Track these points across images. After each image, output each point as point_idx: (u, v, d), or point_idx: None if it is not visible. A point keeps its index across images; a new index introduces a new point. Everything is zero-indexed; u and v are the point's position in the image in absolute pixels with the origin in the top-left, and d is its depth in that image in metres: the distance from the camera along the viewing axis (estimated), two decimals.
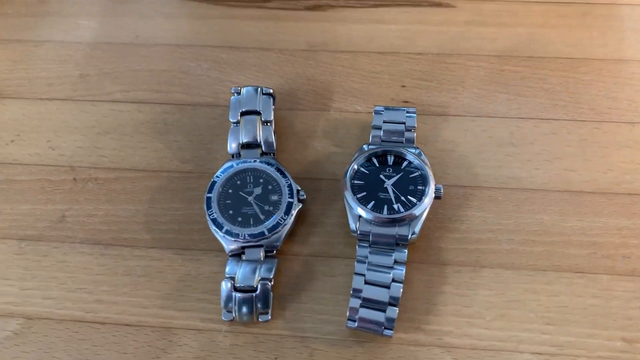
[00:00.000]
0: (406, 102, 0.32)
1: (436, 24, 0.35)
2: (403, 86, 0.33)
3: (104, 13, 0.37)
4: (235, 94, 0.31)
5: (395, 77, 0.33)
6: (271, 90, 0.31)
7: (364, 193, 0.28)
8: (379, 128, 0.30)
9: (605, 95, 0.32)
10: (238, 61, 0.34)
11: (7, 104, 0.34)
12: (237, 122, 0.30)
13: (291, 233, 0.28)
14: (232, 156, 0.30)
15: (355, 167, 0.29)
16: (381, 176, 0.28)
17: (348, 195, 0.28)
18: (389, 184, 0.28)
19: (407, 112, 0.30)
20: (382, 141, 0.30)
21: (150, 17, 0.36)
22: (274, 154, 0.30)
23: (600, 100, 0.32)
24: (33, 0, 0.37)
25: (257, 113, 0.30)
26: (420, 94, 0.33)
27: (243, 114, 0.30)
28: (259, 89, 0.30)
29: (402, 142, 0.29)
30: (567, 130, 0.31)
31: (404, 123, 0.30)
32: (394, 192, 0.28)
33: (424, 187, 0.28)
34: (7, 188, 0.31)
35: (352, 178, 0.28)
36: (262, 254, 0.27)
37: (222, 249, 0.28)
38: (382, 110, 0.30)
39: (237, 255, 0.28)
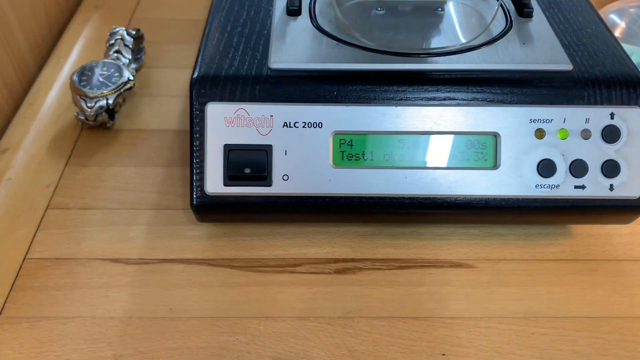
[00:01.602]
0: None
1: (461, 285, 0.37)
2: (443, 354, 0.34)
3: (135, 284, 0.37)
4: None
5: (433, 345, 0.34)
6: None
7: None
8: None
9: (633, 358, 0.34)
10: (275, 332, 0.35)
11: None
12: None
13: None
14: None
15: None
16: None
17: None
18: None
19: None
20: None
21: (183, 286, 0.37)
22: None
23: None
24: (60, 272, 0.37)
25: None
26: None
27: None
28: None
29: None
30: None
31: None
32: None
33: None
34: None
35: None
36: None
37: None
38: None
39: None
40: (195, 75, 0.36)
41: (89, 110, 0.45)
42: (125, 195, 0.42)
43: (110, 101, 0.46)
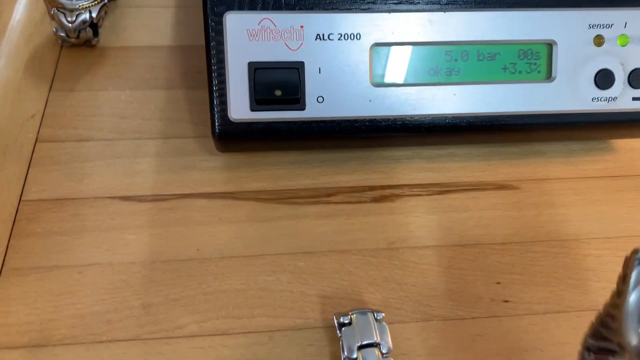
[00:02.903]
0: (506, 301, 0.31)
1: (507, 208, 0.35)
2: (498, 283, 0.32)
3: (153, 223, 0.33)
4: (345, 324, 0.28)
5: (486, 273, 0.32)
6: (383, 315, 0.28)
7: None
8: None
9: None
10: (318, 268, 0.32)
11: (59, 354, 0.28)
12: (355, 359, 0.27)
13: None
14: None
15: None
16: None
17: None
18: None
19: None
20: None
21: (208, 223, 0.33)
22: None
23: None
24: (64, 214, 0.33)
25: (376, 345, 0.27)
26: (518, 290, 0.32)
27: (360, 347, 0.27)
28: (370, 314, 0.28)
29: None
30: None
31: None
32: None
33: None
34: None
35: None
36: None
37: None
38: None
39: None
40: None
41: (70, 25, 0.39)
42: (125, 123, 0.37)
43: (93, 14, 0.39)
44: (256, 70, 0.31)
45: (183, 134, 0.37)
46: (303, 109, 0.31)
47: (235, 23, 0.30)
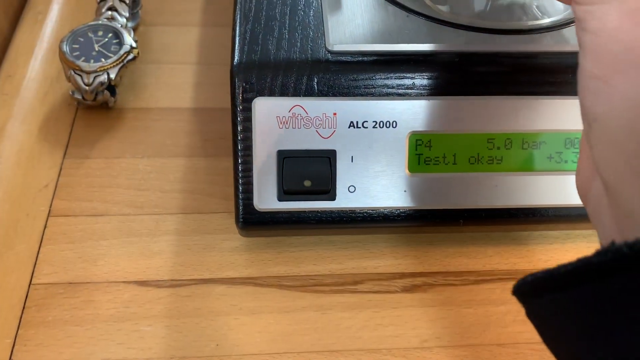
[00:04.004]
0: None
1: None
2: None
3: (170, 314, 0.31)
4: None
5: None
6: None
7: None
8: None
9: None
10: None
11: None
12: None
13: None
14: None
15: None
16: None
17: None
18: None
19: None
20: None
21: (228, 314, 0.31)
22: None
23: None
24: (76, 301, 0.31)
25: None
26: None
27: None
28: None
29: None
30: None
31: None
32: None
33: None
34: None
35: None
36: None
37: None
38: None
39: None
40: (236, 61, 0.29)
41: (87, 87, 0.37)
42: (143, 195, 0.35)
43: (112, 76, 0.38)
44: (285, 159, 0.29)
45: (204, 209, 0.35)
46: (333, 199, 0.29)
47: (265, 109, 0.28)
